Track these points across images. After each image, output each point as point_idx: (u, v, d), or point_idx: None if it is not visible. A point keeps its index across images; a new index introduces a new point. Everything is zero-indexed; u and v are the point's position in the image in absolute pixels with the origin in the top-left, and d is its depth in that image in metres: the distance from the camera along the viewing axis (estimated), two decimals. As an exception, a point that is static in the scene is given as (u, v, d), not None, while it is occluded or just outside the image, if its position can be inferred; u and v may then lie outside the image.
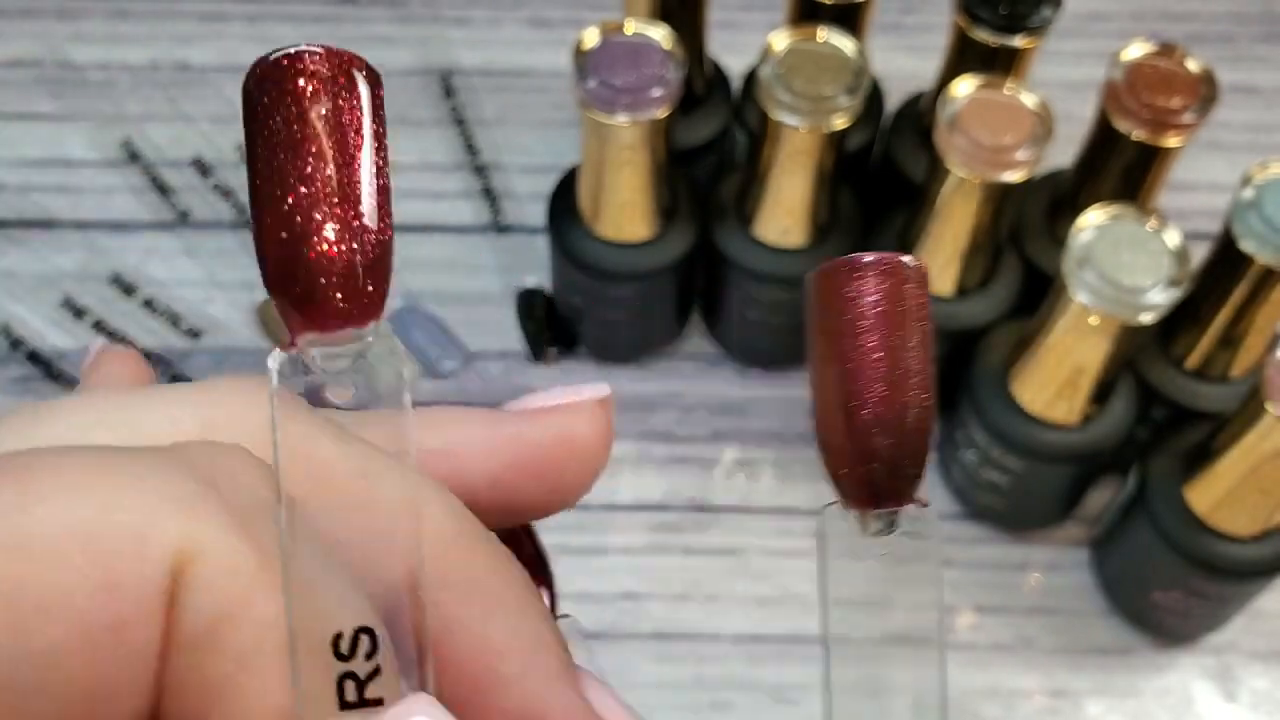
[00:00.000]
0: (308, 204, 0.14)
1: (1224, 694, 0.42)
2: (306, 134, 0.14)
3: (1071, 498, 0.43)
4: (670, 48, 0.38)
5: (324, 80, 0.14)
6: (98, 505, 0.13)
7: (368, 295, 0.14)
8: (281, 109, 0.14)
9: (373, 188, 0.15)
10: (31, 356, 0.46)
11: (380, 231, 0.14)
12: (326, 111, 0.14)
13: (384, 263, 0.15)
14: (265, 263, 0.14)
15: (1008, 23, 0.39)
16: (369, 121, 0.15)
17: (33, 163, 0.51)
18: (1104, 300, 0.34)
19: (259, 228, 0.14)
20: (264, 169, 0.14)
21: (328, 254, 0.14)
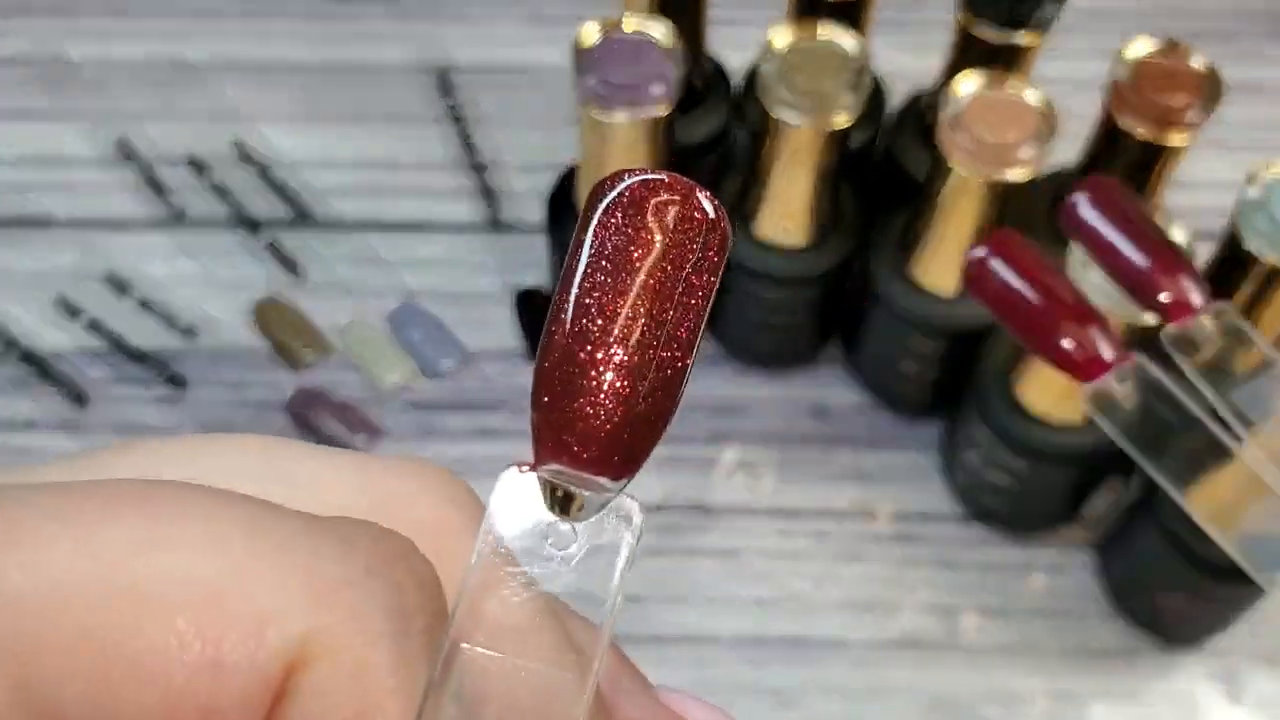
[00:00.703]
0: (626, 331, 0.13)
1: (1228, 697, 0.41)
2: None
3: (1075, 499, 0.42)
4: (670, 45, 0.38)
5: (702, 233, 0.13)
6: (226, 568, 0.12)
7: (640, 448, 0.13)
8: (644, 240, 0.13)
9: (691, 347, 0.13)
10: (25, 356, 0.46)
11: (672, 391, 0.13)
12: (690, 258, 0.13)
13: (666, 423, 0.14)
14: (545, 372, 0.13)
15: (1011, 19, 0.39)
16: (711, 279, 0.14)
17: (27, 160, 0.51)
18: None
19: (553, 330, 0.13)
20: (593, 277, 0.13)
21: (618, 392, 0.13)
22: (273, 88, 0.54)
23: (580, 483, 0.13)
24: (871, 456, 0.46)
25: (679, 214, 0.13)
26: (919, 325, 0.41)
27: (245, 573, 0.12)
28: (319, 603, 0.12)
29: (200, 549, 0.12)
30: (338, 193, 0.51)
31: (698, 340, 0.13)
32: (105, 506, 0.12)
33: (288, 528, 0.12)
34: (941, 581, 0.43)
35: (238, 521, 0.12)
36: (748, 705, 0.41)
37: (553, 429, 0.13)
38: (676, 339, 0.13)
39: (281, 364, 0.46)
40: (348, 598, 0.12)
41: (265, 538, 0.12)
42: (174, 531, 0.12)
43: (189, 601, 0.12)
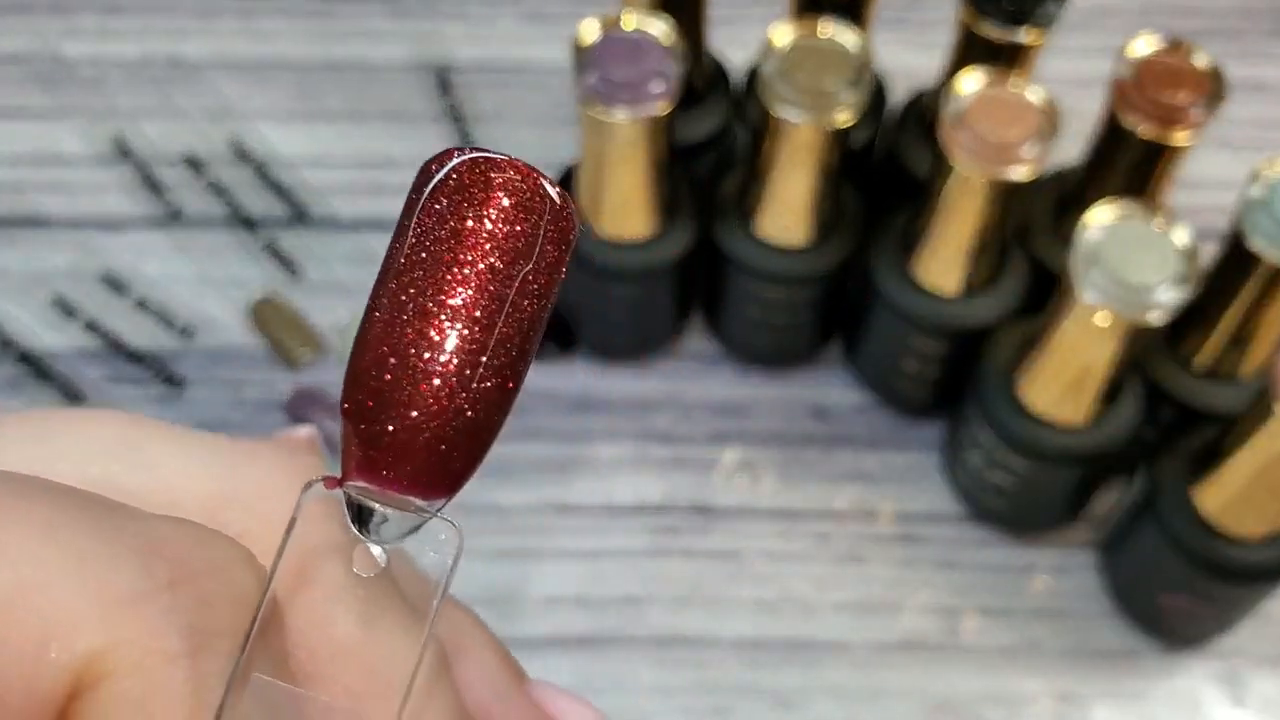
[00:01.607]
0: (444, 334, 0.11)
1: (1232, 698, 0.41)
2: (482, 258, 0.11)
3: (1078, 500, 0.42)
4: (670, 43, 0.38)
5: (526, 201, 0.11)
6: (12, 580, 0.11)
7: (456, 467, 0.12)
8: (470, 216, 0.11)
9: (524, 356, 0.12)
10: (22, 357, 0.46)
11: (500, 404, 0.12)
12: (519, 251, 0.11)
13: (487, 440, 0.12)
14: (356, 375, 0.12)
15: (1014, 17, 0.39)
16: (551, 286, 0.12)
17: (24, 159, 0.51)
18: (1111, 299, 0.34)
19: (366, 329, 0.11)
20: (411, 272, 0.11)
21: (436, 403, 0.11)
22: (270, 86, 0.54)
23: (391, 502, 0.12)
24: (873, 457, 0.46)
25: (515, 201, 0.11)
26: (920, 325, 0.41)
27: (32, 585, 0.11)
28: (110, 618, 0.11)
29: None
30: (335, 191, 0.51)
31: (532, 347, 0.12)
32: None
33: (90, 534, 0.12)
34: (943, 582, 0.43)
35: (32, 527, 0.11)
36: (748, 707, 0.41)
37: (360, 442, 0.11)
38: (506, 345, 0.11)
39: (279, 363, 0.46)
40: (143, 613, 0.11)
41: (62, 546, 0.11)
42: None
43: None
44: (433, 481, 0.12)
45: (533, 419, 0.46)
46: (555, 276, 0.12)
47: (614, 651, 0.41)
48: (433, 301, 0.11)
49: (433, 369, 0.11)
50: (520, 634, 0.41)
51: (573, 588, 0.42)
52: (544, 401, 0.46)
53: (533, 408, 0.46)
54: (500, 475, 0.44)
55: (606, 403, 0.46)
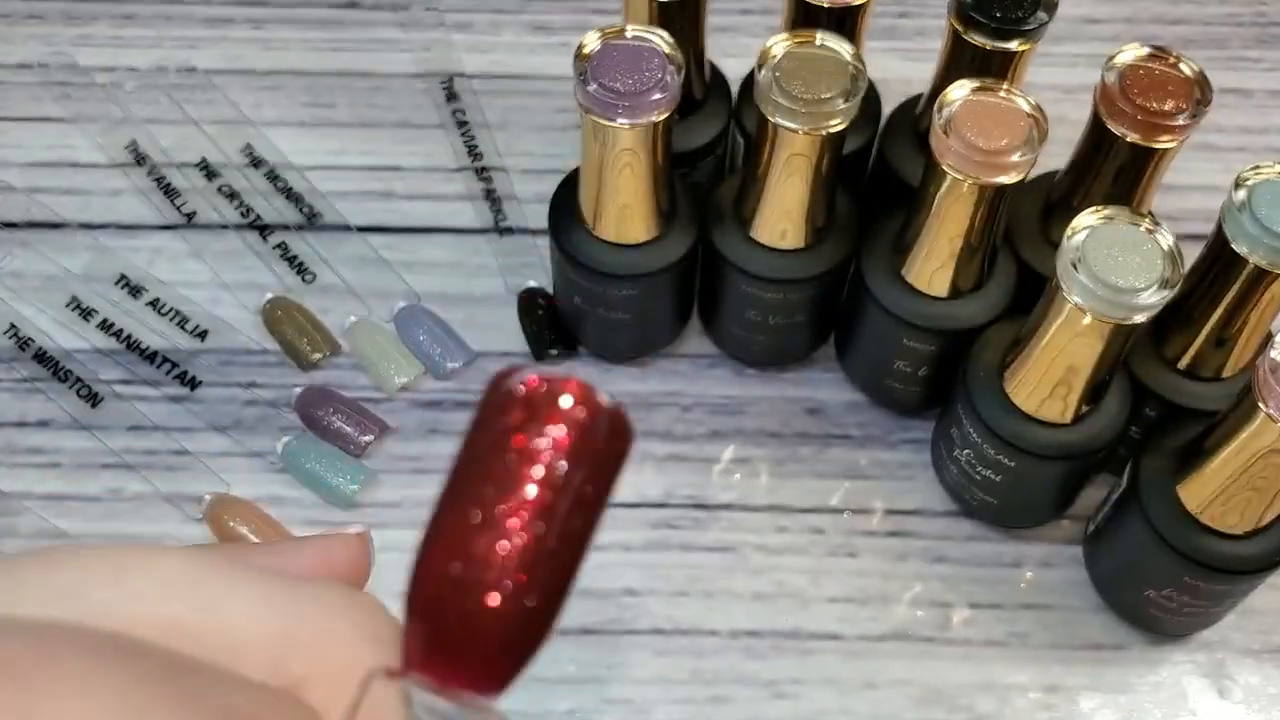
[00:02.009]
0: (509, 550, 0.12)
1: (1217, 690, 0.42)
2: (555, 488, 0.11)
3: (1065, 496, 0.43)
4: (669, 52, 0.38)
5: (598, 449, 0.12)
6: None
7: (508, 671, 0.12)
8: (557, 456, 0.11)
9: (573, 571, 0.12)
10: (39, 356, 0.46)
11: (549, 618, 0.12)
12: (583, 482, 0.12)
13: (536, 648, 0.13)
14: (425, 580, 0.12)
15: (1002, 27, 0.39)
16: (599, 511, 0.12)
17: (40, 165, 0.52)
18: (1097, 301, 0.35)
19: (435, 535, 0.12)
20: (478, 491, 0.11)
21: (495, 616, 0.12)
22: (281, 94, 0.54)
23: (446, 695, 0.12)
24: (865, 454, 0.46)
25: (577, 421, 0.11)
26: (911, 325, 0.42)
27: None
28: None
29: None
30: (345, 197, 0.51)
31: (580, 563, 0.12)
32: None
33: (173, 710, 0.12)
34: (933, 576, 0.44)
35: (123, 708, 0.12)
36: (745, 696, 0.41)
37: (423, 642, 0.12)
38: (558, 560, 0.12)
39: (290, 364, 0.47)
40: None
41: (132, 707, 0.12)
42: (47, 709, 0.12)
43: None
44: (487, 684, 0.12)
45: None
46: (607, 494, 0.12)
47: (615, 642, 0.42)
48: (500, 517, 0.11)
49: (494, 583, 0.12)
50: None
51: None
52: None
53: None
54: (504, 472, 0.45)
55: (608, 402, 0.47)
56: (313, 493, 0.44)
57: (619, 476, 0.12)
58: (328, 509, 0.44)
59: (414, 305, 0.49)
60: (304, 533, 0.43)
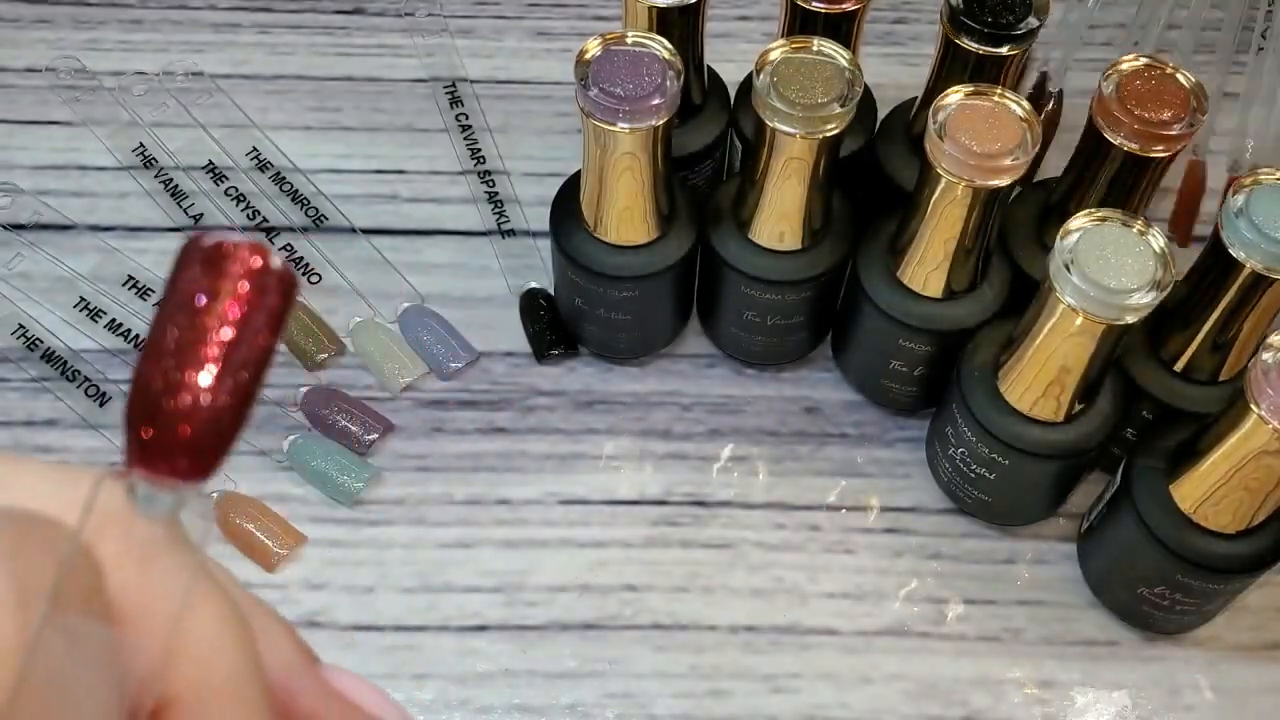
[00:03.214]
0: (196, 370, 0.16)
1: (1209, 686, 0.42)
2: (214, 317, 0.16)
3: (1058, 493, 0.43)
4: (669, 58, 0.38)
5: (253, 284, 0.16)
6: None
7: (207, 462, 0.16)
8: (212, 286, 0.16)
9: (253, 384, 0.16)
10: (47, 356, 0.47)
11: (236, 419, 0.16)
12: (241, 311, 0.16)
13: (232, 440, 0.16)
14: (135, 398, 0.16)
15: (993, 32, 0.40)
16: (266, 335, 0.17)
17: (49, 168, 0.52)
18: (1089, 302, 0.35)
19: (142, 365, 0.16)
20: (177, 322, 0.16)
21: (189, 416, 0.16)
22: (288, 99, 0.55)
23: (160, 484, 0.16)
24: (861, 452, 0.47)
25: (248, 269, 0.16)
26: (907, 326, 0.42)
27: None
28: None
29: None
30: (350, 200, 0.52)
31: (260, 376, 0.16)
32: None
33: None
34: (929, 572, 0.44)
35: None
36: (743, 690, 0.41)
37: (142, 448, 0.16)
38: (241, 375, 0.16)
39: (296, 364, 0.48)
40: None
41: None
42: None
43: None
44: (189, 472, 0.16)
45: (538, 417, 0.47)
46: (281, 320, 0.16)
47: (616, 637, 0.42)
48: (190, 343, 0.16)
49: (187, 395, 0.16)
50: (526, 620, 0.42)
51: (577, 576, 0.43)
52: (549, 400, 0.47)
53: (538, 406, 0.47)
54: (508, 470, 0.45)
55: (608, 401, 0.47)
56: (318, 490, 0.45)
57: (284, 319, 0.16)
58: (333, 506, 0.45)
59: (418, 306, 0.49)
60: (310, 530, 0.44)
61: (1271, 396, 0.33)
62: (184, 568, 0.17)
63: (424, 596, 0.43)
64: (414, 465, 0.45)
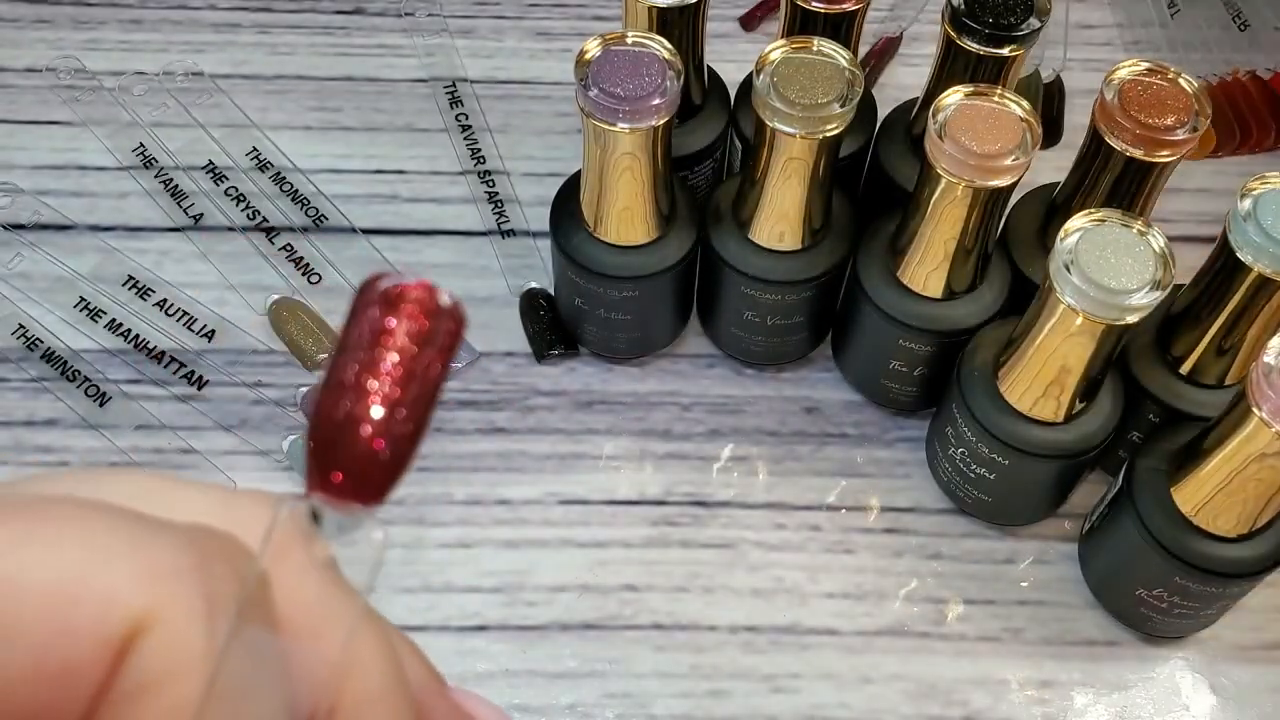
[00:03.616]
0: (378, 403, 0.17)
1: (1209, 686, 0.42)
2: (390, 349, 0.17)
3: (1058, 494, 0.43)
4: (669, 58, 0.38)
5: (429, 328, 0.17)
6: (85, 558, 0.16)
7: (383, 487, 0.17)
8: (398, 328, 0.17)
9: (426, 417, 0.18)
10: (47, 356, 0.47)
11: (410, 450, 0.18)
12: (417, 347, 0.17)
13: (405, 469, 0.18)
14: (319, 424, 0.17)
15: (994, 33, 0.40)
16: (442, 366, 0.18)
17: (49, 168, 0.52)
18: (1089, 302, 0.35)
19: (323, 395, 0.17)
20: (355, 358, 0.17)
21: (372, 447, 0.17)
22: (288, 99, 0.55)
23: (340, 509, 0.17)
24: (861, 452, 0.47)
25: (422, 308, 0.17)
26: (907, 326, 0.42)
27: (100, 562, 0.16)
28: (152, 587, 0.16)
29: (67, 544, 0.16)
30: (351, 200, 0.52)
31: (434, 406, 0.17)
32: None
33: (138, 529, 0.16)
34: (929, 572, 0.44)
35: (99, 523, 0.16)
36: (743, 691, 0.41)
37: (323, 474, 0.17)
38: (418, 406, 0.17)
39: (296, 364, 0.48)
40: (176, 584, 0.16)
41: (119, 535, 0.16)
42: (45, 534, 0.16)
43: (53, 584, 0.15)
44: (368, 496, 0.17)
45: (539, 417, 0.47)
46: (450, 356, 0.18)
47: (616, 637, 0.42)
48: (370, 377, 0.17)
49: (368, 427, 0.17)
50: (527, 620, 0.42)
51: (577, 576, 0.43)
52: (549, 400, 0.47)
53: (538, 406, 0.47)
54: (508, 470, 0.45)
55: (608, 401, 0.48)
56: (318, 490, 0.45)
57: (455, 352, 0.18)
58: (333, 506, 0.44)
59: (418, 306, 0.49)
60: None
61: (1273, 399, 0.33)
62: (352, 589, 0.18)
63: (424, 596, 0.43)
64: (414, 465, 0.45)
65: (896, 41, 0.56)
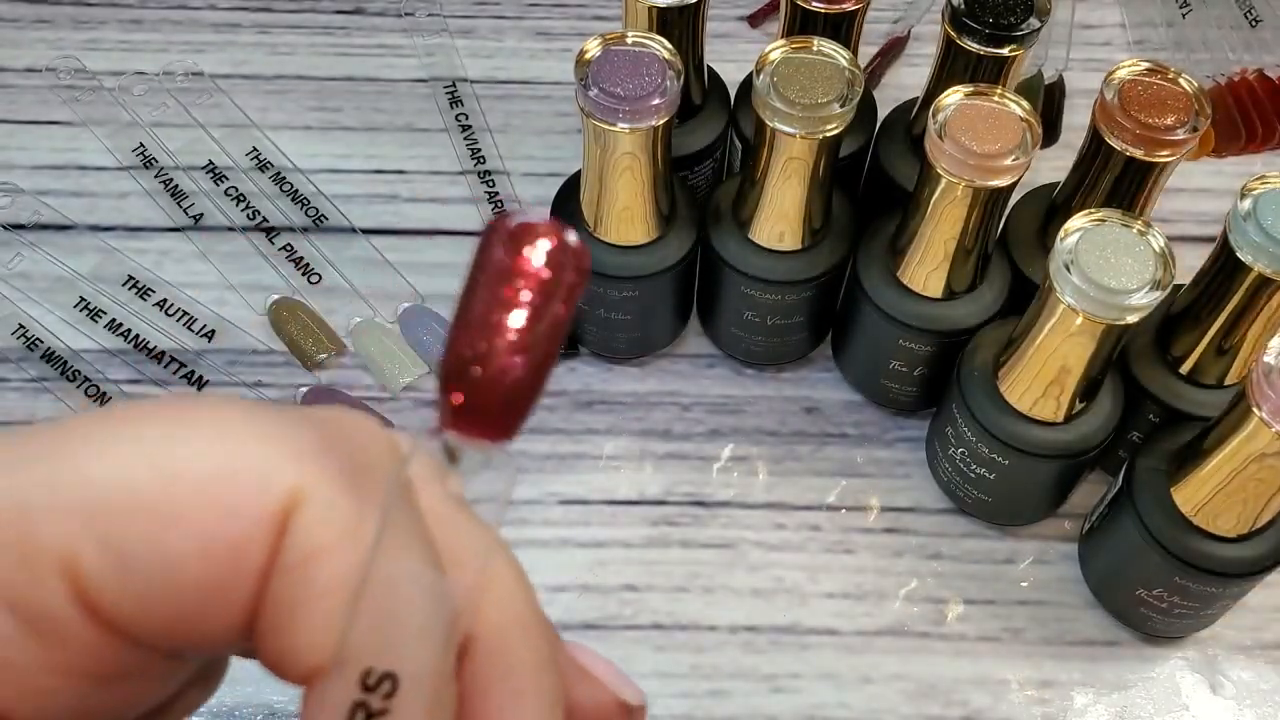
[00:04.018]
0: (507, 340, 0.17)
1: (1209, 686, 0.42)
2: (521, 291, 0.18)
3: (1058, 494, 0.43)
4: (669, 58, 0.38)
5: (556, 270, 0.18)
6: (236, 448, 0.17)
7: (513, 424, 0.18)
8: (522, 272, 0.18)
9: (554, 351, 0.18)
10: (47, 356, 0.47)
11: (538, 382, 0.18)
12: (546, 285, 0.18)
13: (534, 402, 0.18)
14: (449, 362, 0.17)
15: (995, 33, 0.40)
16: (566, 308, 0.18)
17: (49, 168, 0.52)
18: (1089, 302, 0.35)
19: (455, 329, 0.17)
20: (483, 296, 0.17)
21: (503, 381, 0.17)
22: (288, 99, 0.55)
23: (473, 445, 0.18)
24: (861, 452, 0.47)
25: (551, 246, 0.18)
26: (907, 326, 0.42)
27: (248, 451, 0.17)
28: (299, 464, 0.17)
29: (218, 438, 0.17)
30: (351, 200, 0.52)
31: (560, 343, 0.18)
32: (143, 416, 0.17)
33: (274, 416, 0.18)
34: (928, 572, 0.44)
35: (236, 415, 0.17)
36: (744, 690, 0.41)
37: (455, 410, 0.17)
38: (544, 342, 0.17)
39: (296, 364, 0.48)
40: (321, 460, 0.17)
41: (259, 424, 0.17)
42: (192, 430, 0.17)
43: (211, 473, 0.17)
44: (500, 433, 0.18)
45: (539, 417, 0.47)
46: (577, 293, 0.18)
47: (616, 637, 0.42)
48: (497, 316, 0.17)
49: (495, 363, 0.17)
50: None
51: (577, 576, 0.43)
52: (549, 400, 0.47)
53: (539, 406, 0.47)
54: (507, 470, 0.46)
55: (608, 401, 0.48)
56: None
57: (579, 292, 0.18)
58: (333, 506, 0.44)
59: (417, 306, 0.49)
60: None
61: (1273, 399, 0.33)
62: (484, 521, 0.19)
63: (424, 596, 0.43)
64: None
65: (903, 41, 0.56)
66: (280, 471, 0.17)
